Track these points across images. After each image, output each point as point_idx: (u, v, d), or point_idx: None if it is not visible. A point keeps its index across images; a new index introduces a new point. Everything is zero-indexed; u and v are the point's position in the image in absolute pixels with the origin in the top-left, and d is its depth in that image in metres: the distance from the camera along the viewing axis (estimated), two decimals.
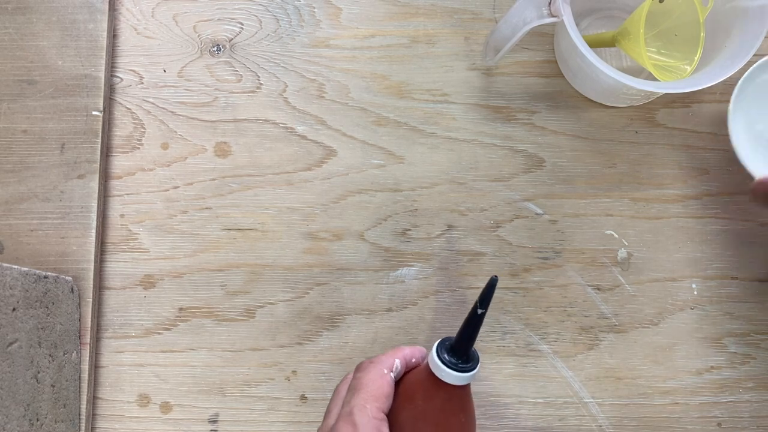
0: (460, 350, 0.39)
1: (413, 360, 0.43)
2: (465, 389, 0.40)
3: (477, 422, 0.55)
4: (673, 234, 0.56)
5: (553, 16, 0.47)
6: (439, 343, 0.40)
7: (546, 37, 0.58)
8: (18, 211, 0.54)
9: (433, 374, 0.40)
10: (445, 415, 0.40)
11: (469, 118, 0.57)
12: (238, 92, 0.58)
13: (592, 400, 0.55)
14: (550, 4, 0.47)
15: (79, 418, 0.53)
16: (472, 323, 0.39)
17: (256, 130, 0.57)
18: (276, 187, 0.57)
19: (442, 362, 0.39)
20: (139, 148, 0.57)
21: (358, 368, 0.42)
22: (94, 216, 0.55)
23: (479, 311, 0.38)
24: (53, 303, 0.51)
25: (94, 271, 0.54)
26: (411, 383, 0.41)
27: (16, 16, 0.56)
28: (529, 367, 0.56)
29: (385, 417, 0.40)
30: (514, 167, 0.57)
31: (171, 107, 0.57)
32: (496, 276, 0.38)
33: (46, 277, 0.50)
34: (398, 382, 0.42)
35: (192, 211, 0.57)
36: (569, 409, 0.55)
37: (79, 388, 0.53)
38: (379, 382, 0.40)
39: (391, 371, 0.41)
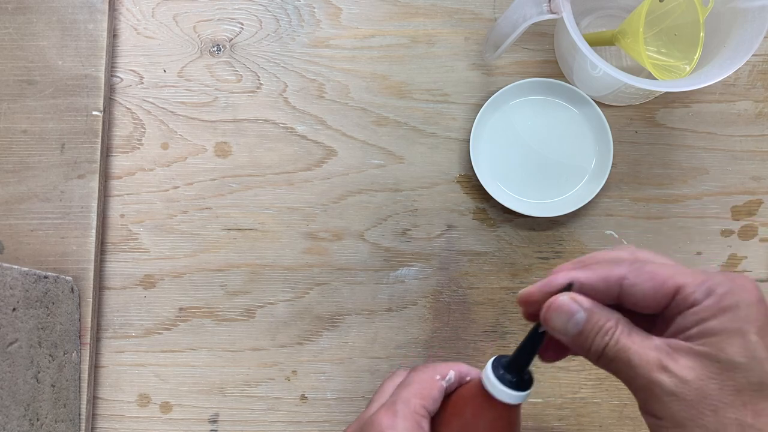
0: (517, 368, 0.37)
1: (467, 378, 0.41)
2: (515, 409, 0.38)
3: None
4: (673, 234, 0.56)
5: (552, 12, 0.46)
6: (494, 360, 0.38)
7: (546, 36, 0.58)
8: (18, 211, 0.54)
9: (485, 390, 0.38)
10: None
11: (469, 118, 0.57)
12: (238, 92, 0.58)
13: (592, 400, 0.55)
14: (549, 0, 0.47)
15: (79, 418, 0.53)
16: (533, 341, 0.36)
17: (256, 130, 0.57)
18: (276, 187, 0.57)
19: (497, 378, 0.37)
20: (139, 148, 0.57)
21: (413, 370, 0.42)
22: (94, 216, 0.55)
23: (540, 329, 0.36)
24: (53, 303, 0.51)
25: (94, 271, 0.54)
26: (461, 397, 0.40)
27: (16, 16, 0.56)
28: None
29: (428, 415, 0.39)
30: None
31: (171, 107, 0.57)
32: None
33: (46, 277, 0.50)
34: (449, 395, 0.41)
35: (192, 211, 0.57)
36: (569, 409, 0.55)
37: (79, 388, 0.53)
38: (429, 383, 0.40)
39: (443, 379, 0.40)
